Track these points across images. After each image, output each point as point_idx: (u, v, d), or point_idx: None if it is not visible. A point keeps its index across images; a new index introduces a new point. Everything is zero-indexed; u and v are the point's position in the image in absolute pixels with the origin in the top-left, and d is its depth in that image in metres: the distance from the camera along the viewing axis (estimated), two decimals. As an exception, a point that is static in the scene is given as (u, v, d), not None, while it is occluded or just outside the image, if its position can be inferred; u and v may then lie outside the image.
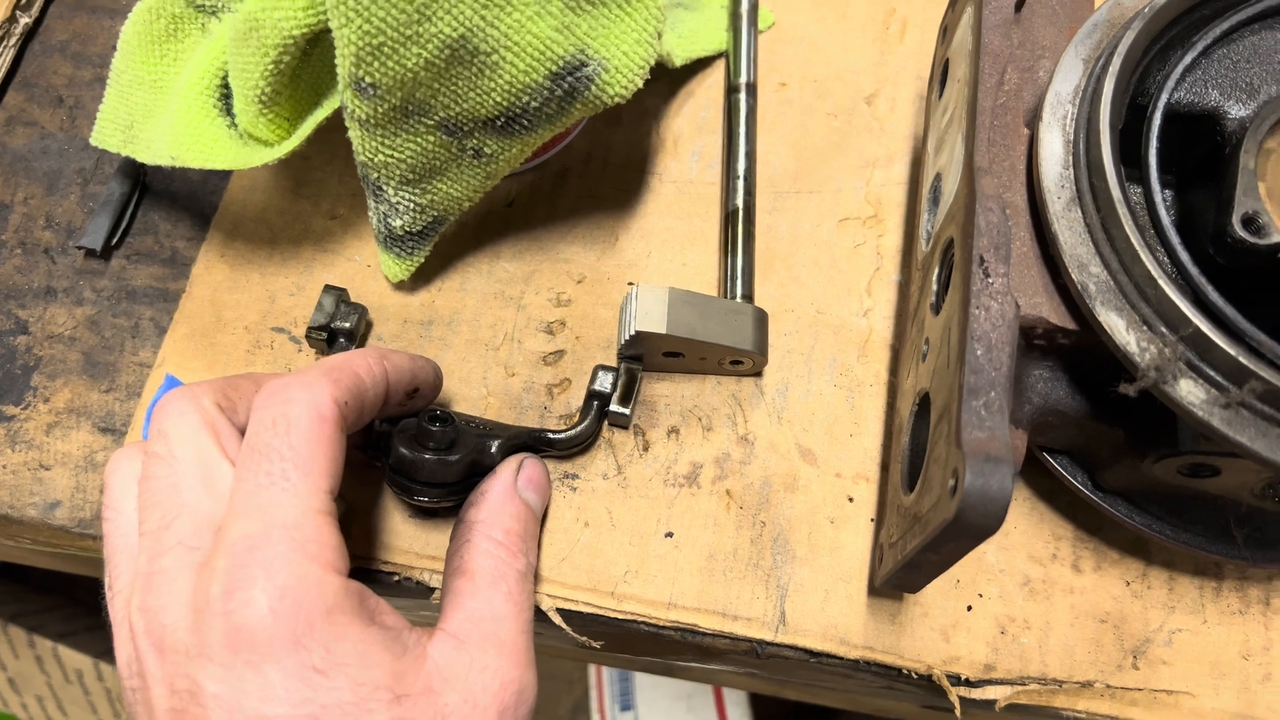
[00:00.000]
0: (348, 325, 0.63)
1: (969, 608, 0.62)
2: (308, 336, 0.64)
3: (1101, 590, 0.62)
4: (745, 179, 0.70)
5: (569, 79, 0.56)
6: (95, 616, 1.48)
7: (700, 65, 0.76)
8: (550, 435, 0.62)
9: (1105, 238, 0.51)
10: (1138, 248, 0.49)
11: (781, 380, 0.67)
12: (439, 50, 0.53)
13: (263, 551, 0.42)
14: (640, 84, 0.58)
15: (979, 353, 0.49)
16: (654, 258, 0.70)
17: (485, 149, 0.60)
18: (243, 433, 0.49)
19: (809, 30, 0.78)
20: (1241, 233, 0.51)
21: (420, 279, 0.69)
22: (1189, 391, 0.49)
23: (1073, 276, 0.51)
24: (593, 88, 0.57)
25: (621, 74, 0.57)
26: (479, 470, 0.58)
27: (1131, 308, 0.50)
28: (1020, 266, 0.53)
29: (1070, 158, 0.54)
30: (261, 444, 0.45)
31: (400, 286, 0.69)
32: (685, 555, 0.62)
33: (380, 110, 0.56)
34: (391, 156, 0.59)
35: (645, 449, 0.65)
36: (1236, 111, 0.55)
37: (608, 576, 0.62)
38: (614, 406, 0.63)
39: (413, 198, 0.62)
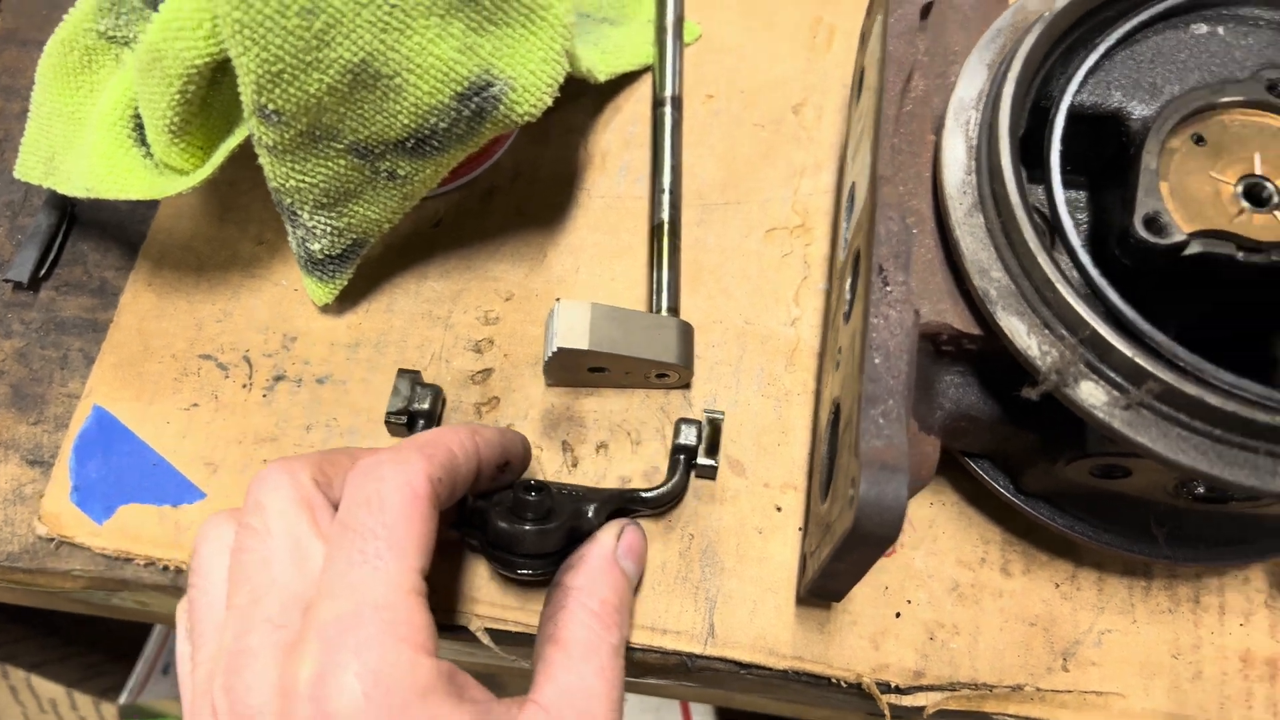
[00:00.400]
0: (425, 407, 0.63)
1: (898, 614, 0.61)
2: (387, 423, 0.63)
3: (1031, 593, 0.62)
4: (670, 192, 0.70)
5: (476, 99, 0.57)
6: (69, 646, 1.48)
7: (628, 79, 0.76)
8: (643, 495, 0.61)
9: (1006, 242, 0.51)
10: (1035, 251, 0.49)
11: (710, 392, 0.67)
12: (340, 75, 0.53)
13: (354, 634, 0.41)
14: (549, 102, 0.58)
15: (877, 361, 0.49)
16: (582, 273, 0.70)
17: (399, 171, 0.60)
18: (336, 508, 0.47)
19: (736, 41, 0.78)
20: (1143, 233, 0.51)
21: (346, 301, 0.69)
22: (1090, 394, 0.49)
23: (974, 282, 0.51)
24: (501, 107, 0.57)
25: (529, 93, 0.57)
26: (578, 537, 0.57)
27: (1033, 311, 0.50)
28: (925, 273, 0.53)
29: (973, 163, 0.54)
30: (355, 522, 0.44)
31: (327, 310, 0.69)
32: (614, 570, 0.62)
33: (287, 136, 0.56)
34: (303, 181, 0.59)
35: (574, 465, 0.65)
36: (1140, 111, 0.55)
37: (536, 594, 0.62)
38: (701, 459, 0.63)
39: (329, 221, 0.62)
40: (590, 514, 0.57)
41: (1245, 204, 0.53)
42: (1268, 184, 0.53)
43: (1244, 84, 0.55)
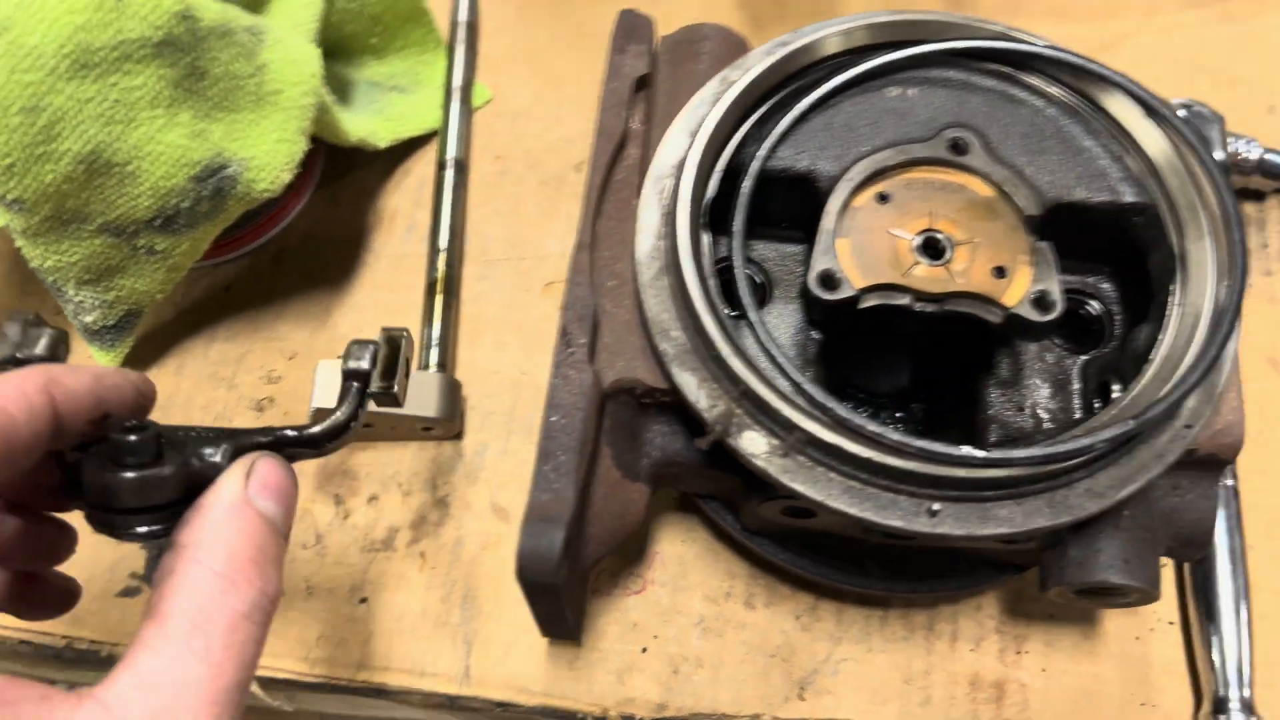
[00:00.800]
0: (40, 353, 0.49)
1: (644, 649, 0.65)
2: None
3: (772, 625, 0.65)
4: (446, 251, 0.74)
5: (212, 180, 0.60)
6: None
7: (420, 142, 0.80)
8: (297, 433, 0.49)
9: (682, 303, 0.55)
10: (700, 311, 0.53)
11: (481, 442, 0.71)
12: (74, 165, 0.57)
13: None
14: (288, 178, 0.62)
15: (553, 419, 0.53)
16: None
17: (156, 246, 0.64)
18: None
19: (525, 104, 0.82)
20: (816, 289, 0.55)
21: (138, 363, 0.72)
22: (751, 442, 0.52)
23: (655, 341, 0.55)
24: (239, 186, 0.61)
25: (266, 171, 0.61)
26: (200, 484, 0.45)
27: (704, 366, 0.54)
28: (623, 332, 0.57)
29: (665, 229, 0.58)
30: None
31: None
32: (377, 618, 0.66)
33: (35, 221, 0.59)
34: (62, 260, 0.62)
35: (345, 517, 0.69)
36: (829, 171, 0.59)
37: (301, 643, 0.65)
38: (376, 385, 0.55)
39: (97, 295, 0.65)
40: (218, 456, 0.46)
41: (921, 258, 0.56)
42: (941, 238, 0.57)
43: (928, 143, 0.59)
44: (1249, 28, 0.86)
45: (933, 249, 0.57)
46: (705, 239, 0.57)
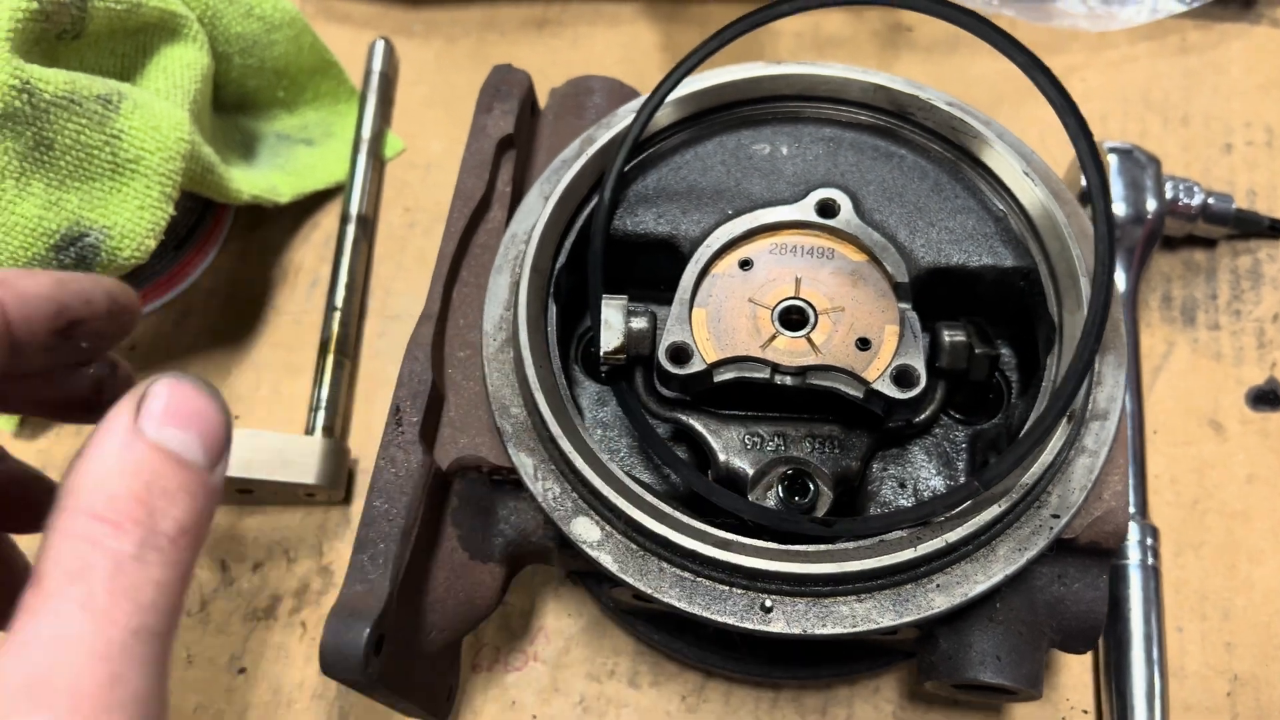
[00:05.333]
0: None
1: (520, 730, 0.62)
2: None
3: (656, 706, 0.62)
4: (343, 309, 0.72)
5: (73, 249, 0.60)
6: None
7: (330, 195, 0.79)
8: None
9: (523, 379, 0.52)
10: (533, 387, 0.51)
11: (370, 506, 0.69)
12: (-72, 237, 0.57)
13: None
14: (153, 245, 0.61)
15: (377, 504, 0.50)
16: (262, 390, 0.73)
17: (31, 313, 0.63)
18: None
19: (438, 155, 0.80)
20: (666, 363, 0.52)
21: (37, 427, 0.72)
22: (584, 529, 0.50)
23: (496, 419, 0.52)
24: (103, 254, 0.60)
25: (129, 239, 0.60)
26: None
27: (542, 448, 0.51)
28: (470, 407, 0.55)
29: (511, 298, 0.55)
30: None
31: (19, 435, 0.72)
32: (254, 688, 0.64)
33: (-101, 291, 0.59)
34: (-65, 328, 0.62)
35: (230, 583, 0.67)
36: (692, 234, 0.56)
37: (178, 712, 0.64)
38: None
39: (-22, 361, 0.65)
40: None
41: (780, 328, 0.53)
42: (804, 307, 0.54)
43: (796, 205, 0.56)
44: (1205, 59, 0.80)
45: (794, 319, 0.54)
46: (552, 309, 0.55)
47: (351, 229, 0.75)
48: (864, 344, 0.52)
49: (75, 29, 0.60)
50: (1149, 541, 0.62)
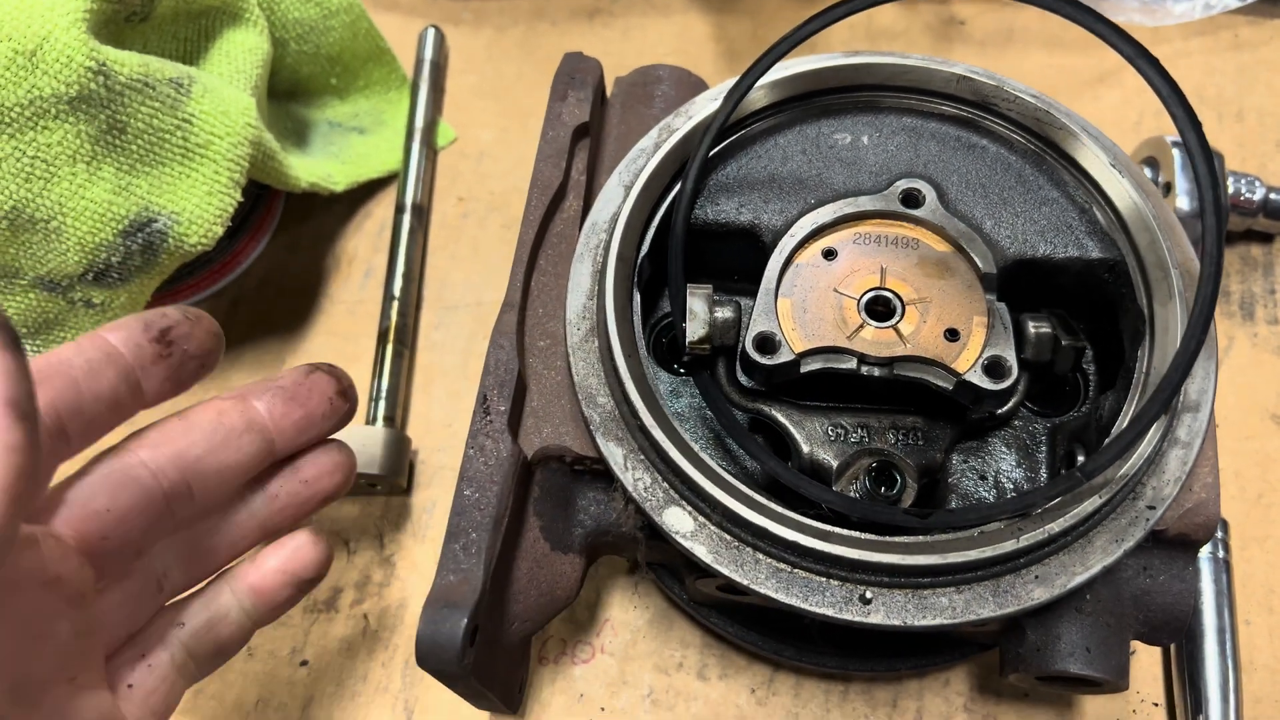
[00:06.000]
0: None
1: (588, 723, 0.62)
2: None
3: (726, 699, 0.62)
4: (400, 300, 0.72)
5: (141, 235, 0.59)
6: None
7: (382, 184, 0.79)
8: None
9: (610, 368, 0.52)
10: (625, 379, 0.50)
11: (430, 498, 0.68)
12: (-4, 221, 0.56)
13: None
14: (220, 231, 0.60)
15: (467, 493, 0.50)
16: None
17: (94, 299, 0.62)
18: None
19: (490, 144, 0.80)
20: (753, 354, 0.52)
21: (89, 416, 0.71)
22: (676, 519, 0.49)
23: (582, 408, 0.52)
24: (170, 240, 0.60)
25: (196, 225, 0.60)
26: None
27: (630, 436, 0.51)
28: (553, 397, 0.54)
29: (595, 287, 0.55)
30: None
31: None
32: (317, 682, 0.64)
33: (-36, 277, 0.59)
34: (-3, 315, 0.61)
35: (290, 575, 0.66)
36: (773, 225, 0.56)
37: (239, 707, 0.63)
38: None
39: (38, 348, 0.64)
40: None
41: (867, 318, 0.53)
42: (891, 297, 0.53)
43: (879, 195, 0.56)
44: (1259, 55, 0.80)
45: (880, 310, 0.53)
46: (637, 298, 0.54)
47: (407, 218, 0.74)
48: (952, 335, 0.52)
49: (144, 11, 0.59)
50: (1219, 534, 0.62)
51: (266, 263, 0.76)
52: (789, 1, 0.83)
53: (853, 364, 0.52)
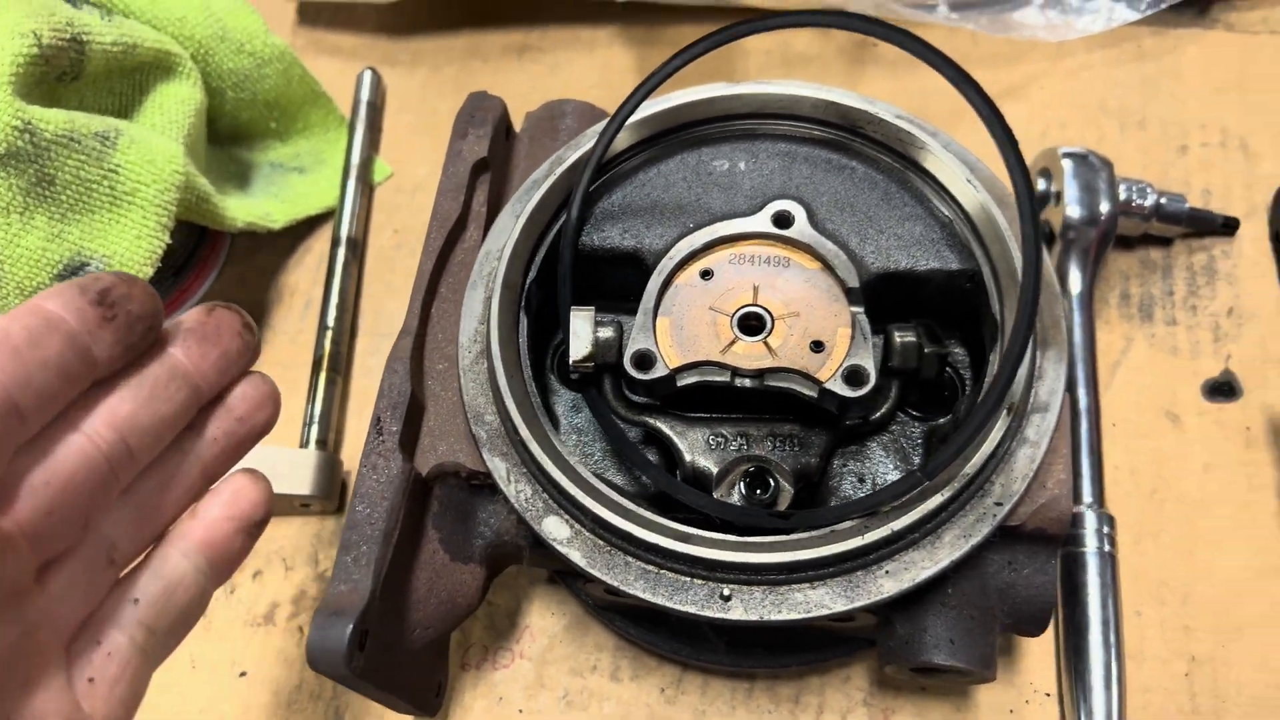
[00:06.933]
0: None
1: (507, 725, 0.65)
2: None
3: (637, 699, 0.65)
4: (334, 328, 0.76)
5: (76, 278, 0.63)
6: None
7: (323, 220, 0.83)
8: None
9: (495, 387, 0.56)
10: (504, 394, 0.54)
11: (363, 515, 0.72)
12: (-60, 269, 0.61)
13: None
14: (150, 272, 0.65)
15: (359, 509, 0.54)
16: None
17: (38, 339, 0.67)
18: None
19: (424, 179, 0.84)
20: (631, 370, 0.55)
21: None
22: (554, 527, 0.53)
23: (471, 426, 0.56)
24: (102, 281, 0.64)
25: (128, 267, 0.64)
26: None
27: (515, 452, 0.54)
28: (448, 417, 0.58)
29: (484, 312, 0.58)
30: None
31: None
32: (254, 691, 0.67)
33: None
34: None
35: (231, 592, 0.71)
36: (655, 248, 0.59)
37: (180, 716, 0.67)
38: None
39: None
40: None
41: (739, 334, 0.56)
42: (762, 313, 0.57)
43: (753, 217, 0.59)
44: (1161, 65, 0.83)
45: (752, 325, 0.57)
46: (524, 321, 0.58)
47: (342, 251, 0.79)
48: (817, 346, 0.55)
49: (74, 71, 0.64)
50: (1106, 530, 0.64)
51: (215, 297, 0.81)
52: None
53: (726, 377, 0.56)
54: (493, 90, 0.84)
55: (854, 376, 0.54)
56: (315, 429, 0.72)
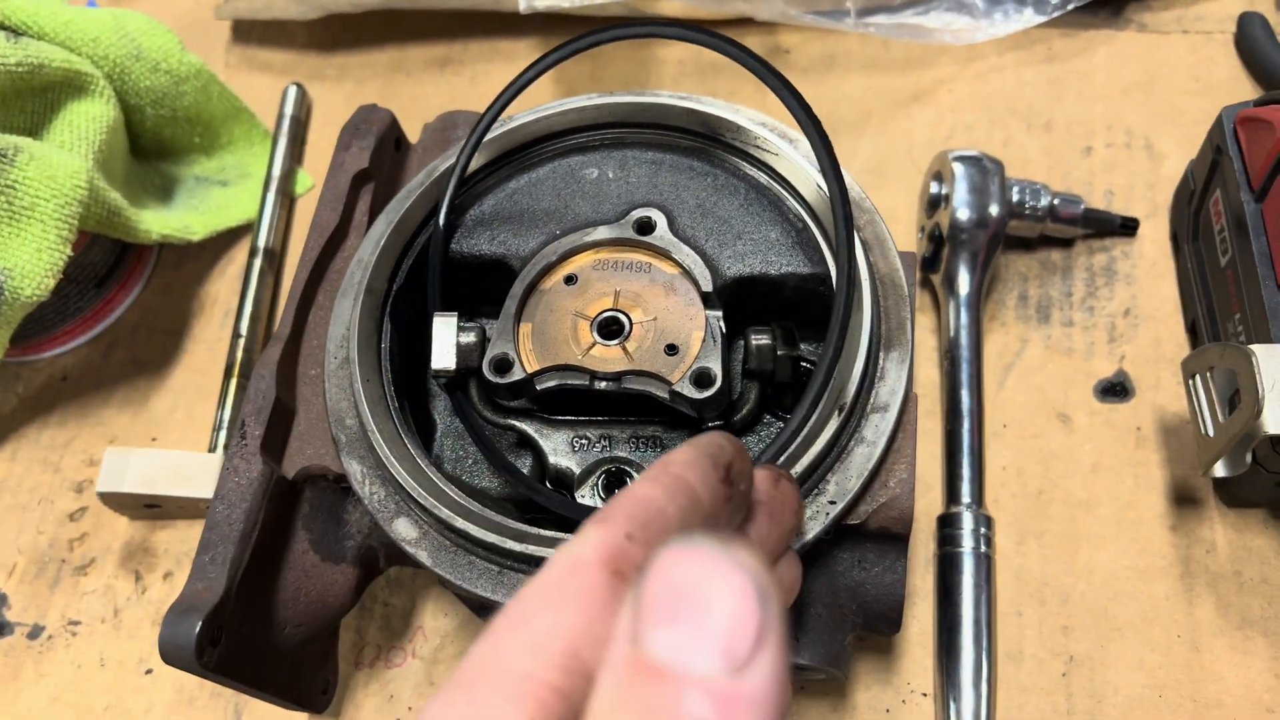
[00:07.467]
0: None
1: (396, 722, 0.67)
2: None
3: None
4: (246, 336, 0.78)
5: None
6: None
7: (246, 231, 0.85)
8: None
9: (353, 392, 0.57)
10: (359, 401, 0.55)
11: (270, 518, 0.74)
12: None
13: None
14: (52, 283, 0.67)
15: (219, 510, 0.55)
16: (178, 413, 0.79)
17: (-45, 347, 0.70)
18: None
19: (345, 188, 0.86)
20: (489, 374, 0.57)
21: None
22: (403, 528, 0.54)
23: (332, 430, 0.57)
24: (5, 293, 0.67)
25: (29, 278, 0.67)
26: None
27: (371, 455, 0.56)
28: (316, 421, 0.60)
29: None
30: None
31: (-38, 458, 0.79)
32: (159, 688, 0.70)
33: None
34: None
35: (143, 593, 0.73)
36: (520, 254, 0.60)
37: (89, 712, 0.69)
38: None
39: (-91, 394, 0.72)
40: None
41: (598, 337, 0.57)
42: (621, 317, 0.58)
43: (616, 224, 0.60)
44: (1071, 66, 0.83)
45: (612, 329, 0.58)
46: (387, 327, 0.60)
47: (258, 261, 0.81)
48: (672, 349, 0.56)
49: (-21, 91, 0.67)
50: (983, 530, 0.65)
51: (141, 308, 0.83)
52: (624, 46, 0.88)
53: (585, 380, 0.57)
54: (415, 102, 0.86)
55: (701, 378, 0.55)
56: (224, 434, 0.74)
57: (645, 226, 0.60)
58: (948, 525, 0.65)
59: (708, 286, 0.57)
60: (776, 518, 0.42)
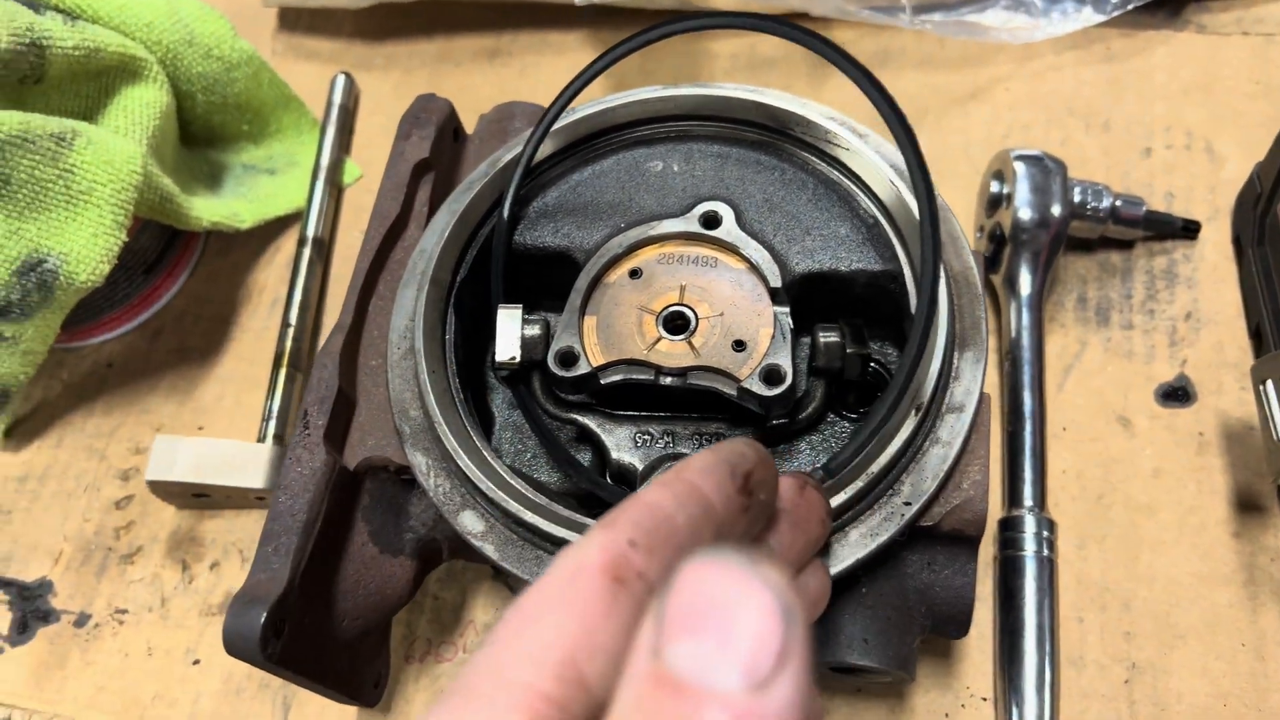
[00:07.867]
0: None
1: None
2: None
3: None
4: (295, 325, 0.77)
5: (34, 274, 0.66)
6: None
7: (295, 220, 0.85)
8: None
9: (419, 383, 0.57)
10: (425, 392, 0.55)
11: (318, 509, 0.73)
12: (-98, 264, 0.63)
13: None
14: (107, 269, 0.67)
15: (282, 500, 0.55)
16: (225, 401, 0.78)
17: (4, 333, 0.69)
18: None
19: (393, 178, 0.85)
20: (554, 367, 0.56)
21: (21, 438, 0.78)
22: (470, 521, 0.54)
23: (395, 421, 0.57)
24: (60, 278, 0.66)
25: (84, 264, 0.66)
26: None
27: (436, 447, 0.55)
28: (378, 412, 0.59)
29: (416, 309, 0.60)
30: None
31: (5, 446, 0.78)
32: (207, 678, 0.69)
33: (-117, 315, 0.66)
34: (-84, 349, 0.69)
35: (190, 582, 0.72)
36: (586, 247, 0.60)
37: (136, 701, 0.69)
38: None
39: (-45, 379, 0.71)
40: None
41: (664, 332, 0.57)
42: (687, 312, 0.57)
43: (681, 218, 0.59)
44: (1129, 66, 0.82)
45: (677, 324, 0.57)
46: (451, 318, 0.59)
47: (308, 250, 0.80)
48: (739, 346, 0.56)
49: (35, 74, 0.66)
50: (1045, 534, 0.64)
51: (188, 296, 0.83)
52: (675, 40, 0.87)
53: (650, 375, 0.56)
54: (463, 93, 0.85)
55: (771, 375, 0.54)
56: (273, 424, 0.74)
57: (711, 220, 0.59)
58: (1009, 529, 0.64)
59: (776, 282, 0.57)
60: (801, 526, 0.41)
